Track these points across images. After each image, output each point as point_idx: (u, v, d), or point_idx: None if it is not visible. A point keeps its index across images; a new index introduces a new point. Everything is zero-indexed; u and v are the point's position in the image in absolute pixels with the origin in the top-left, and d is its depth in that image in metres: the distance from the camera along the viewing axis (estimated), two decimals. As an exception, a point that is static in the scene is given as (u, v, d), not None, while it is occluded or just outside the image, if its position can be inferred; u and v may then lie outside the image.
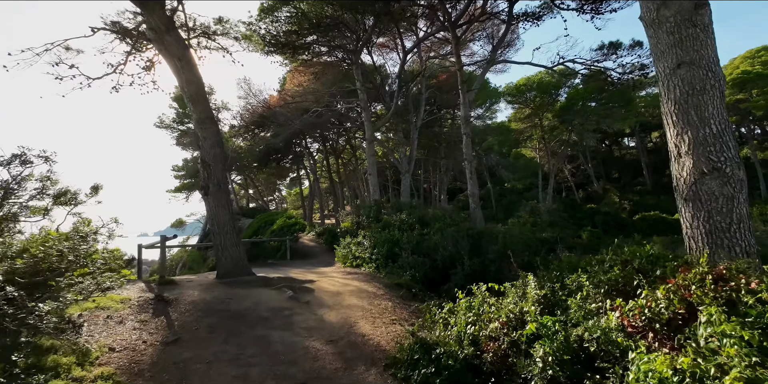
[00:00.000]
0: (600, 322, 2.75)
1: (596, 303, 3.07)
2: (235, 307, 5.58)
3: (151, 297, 5.55)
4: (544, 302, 3.28)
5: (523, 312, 3.24)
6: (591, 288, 3.23)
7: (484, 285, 4.28)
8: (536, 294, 3.34)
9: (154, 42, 6.56)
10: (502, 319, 3.27)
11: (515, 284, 3.96)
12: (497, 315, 3.49)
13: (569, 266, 4.84)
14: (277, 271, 10.12)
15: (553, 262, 6.35)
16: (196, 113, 6.78)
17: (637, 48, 11.78)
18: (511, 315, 3.26)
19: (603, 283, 3.25)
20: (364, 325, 5.18)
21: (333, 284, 7.73)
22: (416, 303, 6.94)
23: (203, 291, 6.28)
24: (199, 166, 7.06)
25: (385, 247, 9.91)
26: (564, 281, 3.91)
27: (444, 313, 4.55)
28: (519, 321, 3.21)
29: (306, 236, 18.58)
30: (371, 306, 6.20)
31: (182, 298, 5.75)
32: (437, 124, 28.72)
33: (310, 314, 5.58)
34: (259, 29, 13.93)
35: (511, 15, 12.72)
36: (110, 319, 4.49)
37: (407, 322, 5.60)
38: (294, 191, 47.49)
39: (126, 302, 5.14)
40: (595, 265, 4.21)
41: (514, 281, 4.83)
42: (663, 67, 4.21)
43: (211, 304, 5.61)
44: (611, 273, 3.29)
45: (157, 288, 6.32)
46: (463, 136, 12.72)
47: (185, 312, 5.16)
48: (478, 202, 12.67)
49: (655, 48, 4.28)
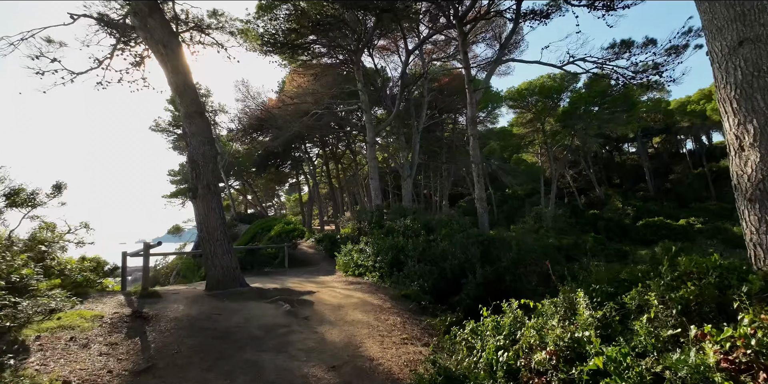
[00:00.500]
0: (689, 357, 2.10)
1: (672, 328, 2.43)
2: (223, 324, 4.91)
3: (128, 313, 4.87)
4: (601, 326, 2.64)
5: (577, 339, 2.60)
6: (661, 309, 2.59)
7: (515, 301, 3.63)
8: (591, 316, 2.70)
9: (139, 30, 5.99)
10: (550, 348, 2.62)
11: (555, 301, 3.31)
12: (539, 341, 2.84)
13: (610, 279, 4.21)
14: (273, 281, 9.44)
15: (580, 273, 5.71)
16: (184, 106, 6.17)
17: (650, 46, 11.32)
18: (560, 343, 2.62)
19: (674, 302, 2.61)
20: (371, 346, 4.51)
21: (334, 296, 7.06)
22: (427, 317, 6.27)
23: (189, 305, 5.60)
24: (187, 166, 6.43)
25: (389, 254, 9.26)
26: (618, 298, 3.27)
27: (466, 333, 3.89)
28: (572, 351, 2.57)
29: (305, 243, 17.91)
30: (378, 322, 5.53)
31: (164, 313, 5.07)
32: (439, 128, 28.28)
33: (309, 332, 4.91)
34: (257, 27, 13.44)
35: (519, 13, 12.27)
36: (74, 341, 3.81)
37: (420, 341, 4.93)
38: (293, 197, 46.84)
39: (97, 320, 4.46)
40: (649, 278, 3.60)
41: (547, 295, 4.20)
42: (720, 47, 3.64)
43: (196, 320, 4.93)
44: (683, 290, 2.65)
45: (137, 301, 5.64)
46: (470, 137, 12.15)
47: (165, 331, 4.48)
48: (485, 207, 12.03)
49: (710, 24, 3.72)
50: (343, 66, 18.04)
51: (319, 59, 17.42)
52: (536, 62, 12.52)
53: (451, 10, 12.49)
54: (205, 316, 5.10)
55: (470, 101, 12.07)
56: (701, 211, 30.82)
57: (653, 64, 11.41)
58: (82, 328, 4.17)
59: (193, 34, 9.00)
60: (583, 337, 2.60)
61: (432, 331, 5.49)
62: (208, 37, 9.15)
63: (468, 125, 12.28)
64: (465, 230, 10.08)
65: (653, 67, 11.48)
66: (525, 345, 2.92)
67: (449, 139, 29.89)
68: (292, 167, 33.46)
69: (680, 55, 11.09)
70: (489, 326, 3.73)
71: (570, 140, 31.68)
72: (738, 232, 24.35)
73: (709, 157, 39.07)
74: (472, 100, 11.99)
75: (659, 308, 2.59)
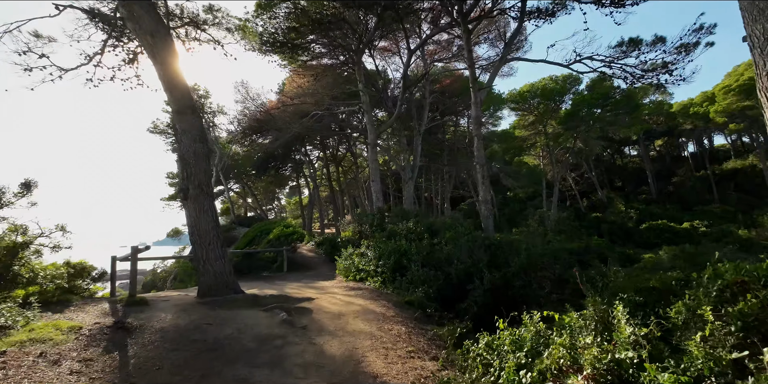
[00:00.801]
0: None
1: (737, 350, 2.05)
2: (213, 335, 4.51)
3: (110, 323, 4.48)
4: (646, 345, 2.26)
5: (618, 361, 2.21)
6: (718, 325, 2.21)
7: (536, 312, 3.25)
8: (633, 333, 2.31)
9: (128, 21, 5.65)
10: (587, 372, 2.24)
11: (585, 314, 2.92)
12: (571, 361, 2.46)
13: (638, 287, 3.82)
14: (271, 286, 9.06)
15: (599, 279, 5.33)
16: (174, 102, 5.82)
17: (659, 44, 11.00)
18: (598, 364, 2.24)
19: (732, 317, 2.23)
20: (374, 361, 4.11)
21: (334, 303, 6.67)
22: (433, 326, 5.88)
23: (178, 314, 5.20)
24: (177, 165, 6.07)
25: (391, 258, 8.88)
26: (652, 310, 2.89)
27: (480, 348, 3.50)
28: (614, 375, 2.19)
29: (305, 246, 17.51)
30: (381, 332, 5.13)
31: (149, 323, 4.68)
32: (440, 130, 28.01)
33: (306, 344, 4.52)
34: (256, 26, 13.16)
35: (524, 10, 11.98)
36: (43, 357, 3.42)
37: (427, 354, 4.54)
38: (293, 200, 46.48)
39: (74, 332, 4.07)
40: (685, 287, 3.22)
41: (567, 305, 3.81)
42: (762, 30, 3.29)
43: (184, 331, 4.54)
44: (742, 303, 2.27)
45: (122, 310, 5.26)
46: (474, 138, 11.79)
47: (149, 344, 4.09)
48: (490, 210, 11.65)
49: (750, 5, 3.38)
50: (344, 66, 17.77)
51: (320, 60, 17.15)
52: (542, 61, 12.21)
53: (456, 6, 12.20)
54: (194, 327, 4.70)
55: (474, 100, 11.73)
56: (704, 214, 30.48)
57: (662, 62, 11.09)
58: (56, 341, 3.78)
59: (188, 29, 8.70)
60: (626, 358, 2.21)
61: (439, 342, 5.10)
62: (204, 33, 8.85)
63: (472, 125, 11.95)
64: (470, 233, 9.70)
65: (662, 65, 11.16)
66: (554, 365, 2.54)
67: (450, 141, 29.62)
68: (292, 170, 33.14)
69: (691, 53, 10.77)
70: (507, 340, 3.34)
71: (572, 142, 31.39)
72: (744, 235, 23.94)
73: (711, 159, 38.76)
74: (477, 99, 11.65)
75: (716, 325, 2.20)
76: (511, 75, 22.41)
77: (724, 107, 30.32)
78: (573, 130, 29.48)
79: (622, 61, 11.35)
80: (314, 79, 17.52)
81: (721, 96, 30.72)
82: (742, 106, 29.87)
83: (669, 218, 28.89)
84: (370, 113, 16.26)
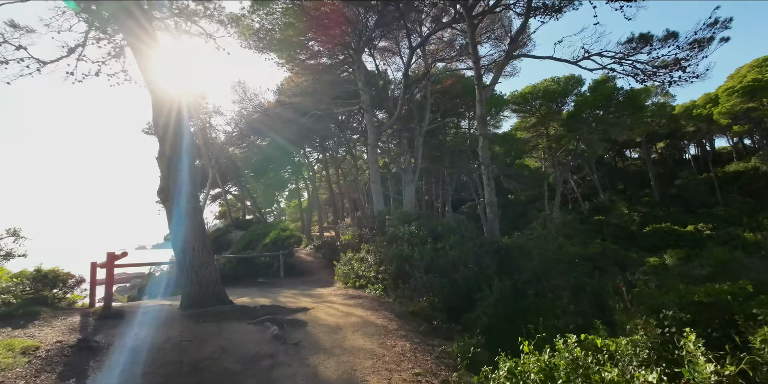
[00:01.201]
0: None
1: None
2: (192, 355, 3.97)
3: (74, 342, 3.93)
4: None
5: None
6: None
7: (572, 336, 2.72)
8: (715, 372, 1.78)
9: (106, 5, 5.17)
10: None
11: (636, 340, 2.39)
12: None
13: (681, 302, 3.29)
14: (264, 294, 8.50)
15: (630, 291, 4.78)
16: (152, 92, 5.31)
17: (672, 40, 10.56)
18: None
19: None
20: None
21: (332, 314, 6.12)
22: (440, 341, 5.33)
23: (156, 328, 4.65)
24: (157, 163, 5.54)
25: (393, 264, 8.34)
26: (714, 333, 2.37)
27: (502, 376, 2.96)
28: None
29: (303, 250, 16.95)
30: (383, 349, 4.59)
31: (121, 341, 4.13)
32: (441, 132, 27.54)
33: (298, 365, 3.97)
34: (253, 23, 12.69)
35: (530, 6, 11.54)
36: (-18, 388, 2.88)
37: (436, 377, 3.99)
38: (293, 203, 45.89)
39: (28, 353, 3.52)
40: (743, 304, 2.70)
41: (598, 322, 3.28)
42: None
43: (159, 351, 3.99)
44: None
45: (94, 324, 4.71)
46: (479, 137, 11.28)
47: (115, 367, 3.54)
48: (497, 212, 11.12)
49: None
50: (344, 66, 17.31)
51: (318, 59, 16.69)
52: (549, 58, 11.75)
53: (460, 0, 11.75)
54: (171, 345, 4.16)
55: (479, 99, 11.25)
56: (708, 216, 30.02)
57: (675, 59, 10.64)
58: (5, 365, 3.24)
59: (177, 21, 8.22)
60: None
61: (448, 361, 4.55)
62: (195, 25, 8.37)
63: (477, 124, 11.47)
64: (477, 237, 9.17)
65: (674, 62, 10.69)
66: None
67: (452, 143, 29.14)
68: (291, 172, 32.61)
69: (705, 48, 10.31)
70: (533, 368, 2.81)
71: (575, 145, 30.97)
72: (751, 238, 23.40)
73: (715, 161, 38.36)
74: (481, 97, 11.17)
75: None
76: (514, 75, 21.97)
77: (728, 109, 29.99)
78: (575, 132, 29.10)
79: (633, 57, 10.90)
80: (313, 79, 17.06)
81: (724, 97, 30.40)
82: (746, 107, 29.55)
83: (673, 221, 28.42)
84: (371, 113, 15.79)
